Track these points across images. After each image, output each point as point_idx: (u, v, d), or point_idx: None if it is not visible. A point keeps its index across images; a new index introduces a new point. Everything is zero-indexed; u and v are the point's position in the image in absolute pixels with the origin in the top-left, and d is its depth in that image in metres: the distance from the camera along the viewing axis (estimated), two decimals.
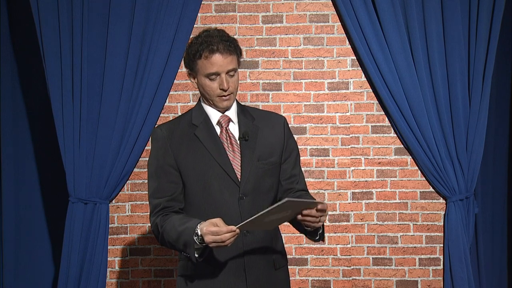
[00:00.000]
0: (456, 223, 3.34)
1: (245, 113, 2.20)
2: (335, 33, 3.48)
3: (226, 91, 2.08)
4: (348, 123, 3.47)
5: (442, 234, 3.43)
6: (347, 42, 3.46)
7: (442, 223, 3.43)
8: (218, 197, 2.09)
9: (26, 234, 3.54)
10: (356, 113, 3.47)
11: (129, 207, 3.49)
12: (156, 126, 2.21)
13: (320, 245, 3.47)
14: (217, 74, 2.07)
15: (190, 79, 2.16)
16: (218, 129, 2.15)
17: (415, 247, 3.45)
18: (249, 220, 1.90)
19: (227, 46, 2.07)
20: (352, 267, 3.47)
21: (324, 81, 3.48)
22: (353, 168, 3.48)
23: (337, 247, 3.47)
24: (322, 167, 3.47)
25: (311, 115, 3.48)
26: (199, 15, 3.45)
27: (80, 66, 3.31)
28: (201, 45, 2.06)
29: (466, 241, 3.34)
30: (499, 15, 3.28)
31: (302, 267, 3.46)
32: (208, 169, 2.09)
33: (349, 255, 3.47)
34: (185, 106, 3.48)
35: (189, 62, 2.12)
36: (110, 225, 3.44)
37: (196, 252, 1.98)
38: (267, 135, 2.17)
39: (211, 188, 2.09)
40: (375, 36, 3.34)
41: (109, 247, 3.44)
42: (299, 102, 3.48)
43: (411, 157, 3.44)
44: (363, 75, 3.46)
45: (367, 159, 3.47)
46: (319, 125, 3.47)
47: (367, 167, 3.47)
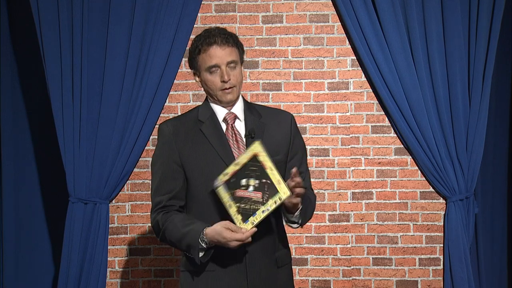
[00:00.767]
0: (456, 223, 3.34)
1: (252, 110, 2.19)
2: (335, 33, 3.48)
3: (227, 82, 2.08)
4: (348, 123, 3.47)
5: (442, 234, 3.43)
6: (347, 42, 3.46)
7: (442, 223, 3.43)
8: None
9: (26, 234, 3.54)
10: (356, 113, 3.47)
11: (129, 207, 3.49)
12: (163, 121, 2.21)
13: (320, 245, 3.47)
14: (217, 66, 2.08)
15: (195, 79, 2.17)
16: (224, 126, 2.15)
17: (415, 247, 3.45)
18: (256, 223, 1.96)
19: (225, 38, 2.08)
20: (352, 267, 3.47)
21: (324, 81, 3.48)
22: (353, 168, 3.48)
23: (337, 247, 3.47)
24: (322, 167, 3.47)
25: (311, 115, 3.48)
26: (199, 15, 3.45)
27: (80, 66, 3.31)
28: (200, 41, 2.09)
29: (466, 241, 3.34)
30: (499, 15, 3.28)
31: (302, 267, 3.46)
32: (212, 165, 2.08)
33: (349, 255, 3.47)
34: (185, 106, 3.48)
35: (191, 60, 2.15)
36: (110, 225, 3.44)
37: (200, 252, 2.01)
38: (274, 132, 2.16)
39: None
40: (375, 36, 3.34)
41: (109, 247, 3.44)
42: (299, 102, 3.48)
43: (411, 157, 3.44)
44: (363, 75, 3.46)
45: (367, 159, 3.47)
46: (319, 125, 3.47)
47: (367, 167, 3.47)
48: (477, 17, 3.28)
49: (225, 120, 2.15)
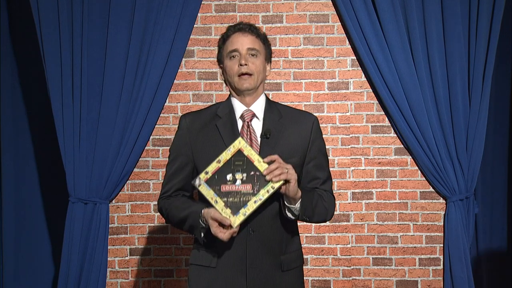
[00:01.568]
0: (456, 223, 3.34)
1: (273, 109, 2.17)
2: (335, 33, 3.48)
3: (243, 66, 2.07)
4: (348, 123, 3.47)
5: (442, 234, 3.43)
6: (347, 42, 3.46)
7: (442, 223, 3.43)
8: None
9: (26, 234, 3.54)
10: (356, 113, 3.48)
11: (129, 207, 3.49)
12: (184, 113, 2.25)
13: (320, 245, 3.47)
14: (237, 51, 2.09)
15: (222, 77, 2.19)
16: (240, 123, 2.14)
17: (415, 247, 3.45)
18: (248, 214, 1.97)
19: (250, 27, 2.11)
20: (352, 267, 3.47)
21: (324, 81, 3.48)
22: (353, 168, 3.48)
23: (337, 247, 3.47)
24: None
25: None
26: (199, 15, 3.46)
27: (80, 66, 3.31)
28: (226, 31, 2.14)
29: (466, 241, 3.34)
30: (499, 15, 3.28)
31: None
32: None
33: (349, 255, 3.47)
34: (185, 106, 3.48)
35: (218, 53, 2.18)
36: (110, 225, 3.44)
37: (202, 231, 2.05)
38: (292, 134, 2.13)
39: None
40: (375, 36, 3.34)
41: (109, 247, 3.44)
42: (299, 102, 3.48)
43: (411, 157, 3.44)
44: (363, 75, 3.46)
45: (367, 159, 3.47)
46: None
47: (367, 167, 3.47)
48: (477, 17, 3.28)
49: (242, 117, 2.14)
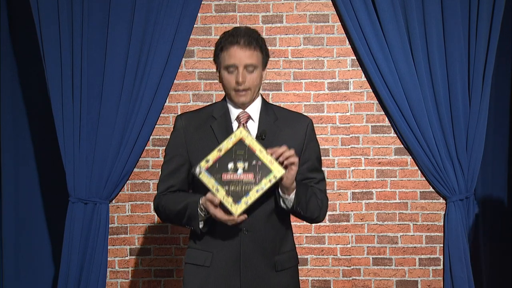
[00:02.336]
0: (456, 223, 3.34)
1: (268, 111, 2.18)
2: (335, 33, 3.48)
3: (240, 85, 2.07)
4: (348, 123, 3.47)
5: (442, 234, 3.43)
6: (347, 42, 3.46)
7: (442, 223, 3.43)
8: None
9: (26, 234, 3.54)
10: (356, 113, 3.48)
11: (129, 207, 3.49)
12: (179, 114, 2.24)
13: (320, 245, 3.47)
14: (235, 66, 2.07)
15: (217, 74, 2.18)
16: (235, 125, 2.14)
17: (415, 247, 3.45)
18: (250, 203, 1.98)
19: (249, 40, 2.06)
20: (352, 267, 3.47)
21: (324, 81, 3.48)
22: (353, 168, 3.48)
23: (337, 247, 3.47)
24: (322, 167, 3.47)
25: (311, 115, 3.47)
26: (199, 15, 3.45)
27: (80, 66, 3.31)
28: (225, 38, 2.09)
29: (466, 241, 3.34)
30: (499, 15, 3.28)
31: (302, 267, 3.45)
32: None
33: (349, 255, 3.47)
34: (185, 106, 3.48)
35: (215, 56, 2.15)
36: (110, 225, 3.44)
37: (200, 223, 2.06)
38: (287, 137, 2.14)
39: None
40: (375, 36, 3.34)
41: (109, 247, 3.44)
42: (299, 102, 3.48)
43: (411, 157, 3.44)
44: (363, 75, 3.46)
45: (367, 159, 3.47)
46: (319, 125, 3.47)
47: (367, 167, 3.47)
48: (477, 17, 3.28)
49: (237, 119, 2.14)
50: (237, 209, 1.96)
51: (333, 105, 3.48)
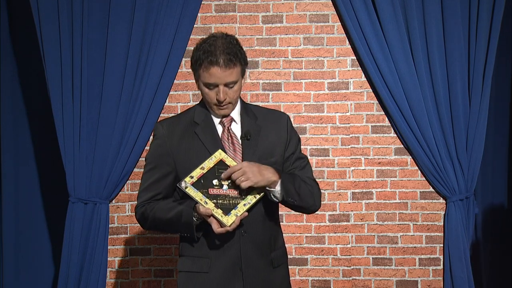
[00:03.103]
0: (456, 223, 3.34)
1: (248, 112, 2.19)
2: (335, 33, 3.48)
3: (222, 102, 2.06)
4: (348, 123, 3.47)
5: (442, 234, 3.43)
6: (347, 42, 3.46)
7: (442, 223, 3.43)
8: None
9: (26, 234, 3.54)
10: (356, 113, 3.48)
11: (129, 207, 3.49)
12: (158, 121, 2.19)
13: (320, 245, 3.47)
14: (215, 85, 2.04)
15: (195, 79, 2.15)
16: (220, 128, 2.14)
17: (415, 247, 3.45)
18: (241, 214, 2.00)
19: (229, 59, 2.00)
20: (352, 267, 3.47)
21: (324, 81, 3.48)
22: (353, 168, 3.48)
23: (337, 247, 3.47)
24: (322, 167, 3.47)
25: (311, 115, 3.48)
26: (199, 15, 3.45)
27: (80, 66, 3.31)
28: (203, 54, 2.01)
29: (466, 241, 3.34)
30: (499, 15, 3.28)
31: (302, 267, 3.46)
32: None
33: (349, 255, 3.47)
34: (185, 106, 3.48)
35: (192, 65, 2.10)
36: (110, 225, 3.44)
37: (195, 230, 2.04)
38: (269, 134, 2.16)
39: None
40: (375, 36, 3.34)
41: (109, 247, 3.44)
42: (299, 102, 3.48)
43: (411, 157, 3.44)
44: (363, 75, 3.46)
45: (367, 159, 3.47)
46: (319, 125, 3.47)
47: (367, 167, 3.47)
48: (477, 17, 3.28)
49: (221, 123, 2.14)
50: (228, 220, 1.98)
51: (333, 105, 3.48)
